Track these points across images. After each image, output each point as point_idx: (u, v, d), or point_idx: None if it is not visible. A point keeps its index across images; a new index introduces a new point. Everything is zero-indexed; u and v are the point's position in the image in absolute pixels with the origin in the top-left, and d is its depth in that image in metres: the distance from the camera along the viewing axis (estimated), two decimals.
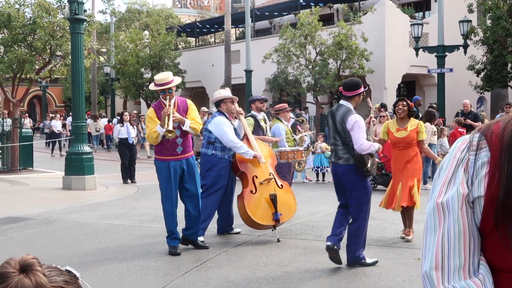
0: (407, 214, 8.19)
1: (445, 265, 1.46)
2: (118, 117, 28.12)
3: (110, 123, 30.03)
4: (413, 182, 8.03)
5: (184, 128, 7.53)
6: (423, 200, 11.49)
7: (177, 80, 7.78)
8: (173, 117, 7.36)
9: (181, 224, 7.86)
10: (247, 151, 8.17)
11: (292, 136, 10.52)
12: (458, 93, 24.90)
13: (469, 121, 16.12)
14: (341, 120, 6.71)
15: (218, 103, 8.48)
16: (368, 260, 6.88)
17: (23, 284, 1.48)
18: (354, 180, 6.75)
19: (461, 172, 1.49)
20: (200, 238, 8.15)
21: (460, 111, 18.01)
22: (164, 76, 7.64)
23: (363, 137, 6.68)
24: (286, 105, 11.10)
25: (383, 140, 8.41)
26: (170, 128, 7.30)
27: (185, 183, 7.68)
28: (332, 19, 32.14)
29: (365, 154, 6.69)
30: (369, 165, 6.77)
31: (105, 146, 31.05)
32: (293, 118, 13.10)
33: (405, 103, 8.06)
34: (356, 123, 6.63)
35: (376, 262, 6.91)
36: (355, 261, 6.83)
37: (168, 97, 7.49)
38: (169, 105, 7.40)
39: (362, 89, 6.87)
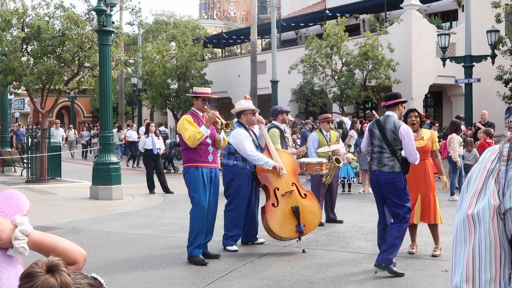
0: (433, 231, 8.04)
1: (475, 278, 1.44)
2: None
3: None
4: (433, 196, 7.89)
5: (218, 136, 7.69)
6: (451, 211, 11.40)
7: (214, 96, 8.28)
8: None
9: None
10: (266, 162, 8.16)
11: (328, 145, 10.44)
12: (486, 103, 24.63)
13: (478, 125, 16.03)
14: (393, 129, 7.00)
15: (238, 114, 8.53)
16: (395, 268, 6.94)
17: (49, 283, 1.52)
18: (398, 188, 6.96)
19: (492, 183, 1.47)
20: (233, 248, 8.25)
21: (477, 122, 17.96)
22: (207, 89, 8.15)
23: (415, 146, 7.06)
24: (328, 115, 11.17)
25: None
26: (225, 122, 7.68)
27: (210, 189, 7.73)
28: (358, 29, 32.07)
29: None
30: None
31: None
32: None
33: (416, 113, 8.00)
34: (409, 133, 6.98)
35: (403, 274, 6.88)
36: (385, 262, 6.87)
37: (206, 107, 7.85)
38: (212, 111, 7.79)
39: (402, 99, 7.34)
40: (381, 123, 7.14)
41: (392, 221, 7.08)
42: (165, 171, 18.44)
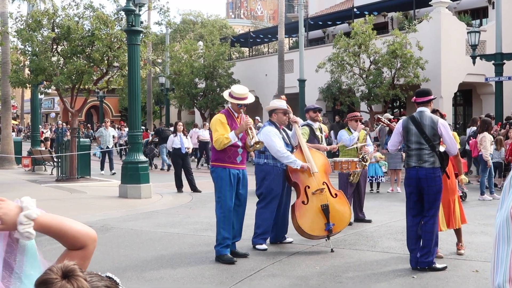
0: (457, 231, 8.01)
1: None
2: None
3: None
4: (453, 200, 7.82)
5: (249, 142, 7.60)
6: (481, 211, 11.27)
7: (251, 98, 7.95)
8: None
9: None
10: (294, 161, 8.15)
11: (356, 144, 10.45)
12: None
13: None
14: (432, 124, 7.02)
15: (270, 113, 8.55)
16: (438, 265, 7.01)
17: None
18: (437, 184, 7.00)
19: None
20: (262, 246, 8.25)
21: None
22: (244, 91, 7.84)
23: (454, 138, 7.15)
24: (357, 113, 11.18)
25: None
26: (257, 139, 7.51)
27: (239, 189, 7.73)
28: (386, 27, 31.85)
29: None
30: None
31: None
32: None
33: (438, 114, 7.93)
34: (446, 126, 7.07)
35: (446, 267, 7.05)
36: (428, 265, 6.95)
37: (242, 110, 7.76)
38: (247, 118, 7.61)
39: (432, 96, 7.36)
40: (417, 119, 7.10)
41: (425, 219, 7.06)
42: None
